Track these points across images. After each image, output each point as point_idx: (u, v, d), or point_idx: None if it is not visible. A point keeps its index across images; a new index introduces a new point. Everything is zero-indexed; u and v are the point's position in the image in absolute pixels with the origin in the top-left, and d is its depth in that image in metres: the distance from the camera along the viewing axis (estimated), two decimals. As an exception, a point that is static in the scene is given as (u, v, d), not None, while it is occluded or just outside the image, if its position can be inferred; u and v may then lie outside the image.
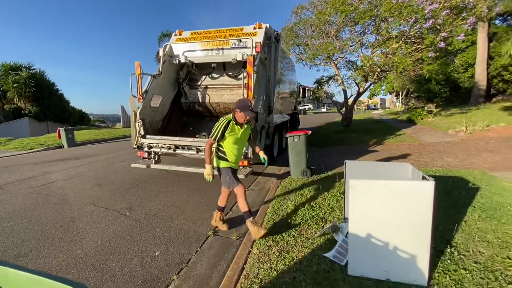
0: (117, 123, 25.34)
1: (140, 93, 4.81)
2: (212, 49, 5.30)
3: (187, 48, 5.42)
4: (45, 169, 6.40)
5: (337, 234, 2.53)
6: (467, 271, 2.07)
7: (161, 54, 5.37)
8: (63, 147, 10.27)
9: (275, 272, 2.19)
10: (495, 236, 2.58)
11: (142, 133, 4.74)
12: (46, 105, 18.93)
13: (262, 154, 3.12)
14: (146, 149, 4.76)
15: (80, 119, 22.63)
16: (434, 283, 1.95)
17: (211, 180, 2.94)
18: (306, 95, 13.71)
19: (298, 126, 11.74)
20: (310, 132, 5.23)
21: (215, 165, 3.00)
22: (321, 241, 2.62)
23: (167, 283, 2.27)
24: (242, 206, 2.89)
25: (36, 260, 2.63)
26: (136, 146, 4.78)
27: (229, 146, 2.92)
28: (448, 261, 2.21)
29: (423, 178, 1.98)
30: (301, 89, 12.30)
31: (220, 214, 3.23)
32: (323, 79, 13.47)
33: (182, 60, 5.35)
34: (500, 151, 6.46)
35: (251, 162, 4.25)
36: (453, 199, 3.49)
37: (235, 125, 2.88)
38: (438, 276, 2.02)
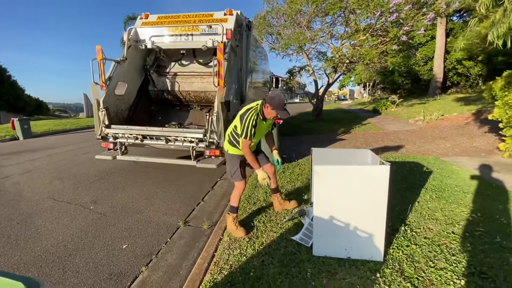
0: (80, 112, 23.55)
1: (103, 80, 4.50)
2: (181, 35, 5.08)
3: (154, 33, 5.14)
4: (-5, 163, 5.83)
5: (304, 218, 2.65)
6: (418, 246, 2.30)
7: (125, 38, 5.03)
8: (18, 139, 9.39)
9: (244, 257, 2.25)
10: (443, 214, 2.87)
11: (107, 122, 4.47)
12: (-4, 92, 17.06)
13: (276, 155, 2.79)
14: (111, 139, 4.50)
15: (37, 109, 20.76)
16: (389, 258, 2.15)
17: (269, 184, 2.69)
18: (279, 85, 13.81)
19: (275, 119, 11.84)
20: (281, 121, 5.31)
21: (225, 148, 2.75)
22: (289, 226, 2.73)
23: (135, 275, 2.24)
24: (233, 200, 2.69)
25: (-13, 261, 2.43)
26: (100, 137, 4.50)
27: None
28: (402, 238, 2.43)
29: (381, 163, 2.13)
30: (274, 79, 12.36)
31: (234, 216, 2.70)
32: (295, 69, 13.65)
33: (149, 46, 5.07)
34: (452, 138, 7.12)
35: (223, 151, 4.24)
36: (409, 182, 3.80)
37: (261, 120, 2.52)
38: (393, 252, 2.22)
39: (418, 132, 8.53)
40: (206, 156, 4.26)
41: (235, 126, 2.60)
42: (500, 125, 5.08)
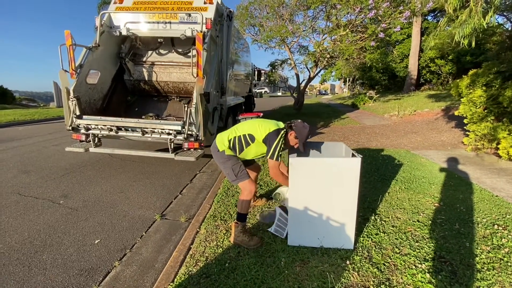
0: (51, 102, 22.09)
1: (73, 67, 4.24)
2: (158, 22, 4.88)
3: (129, 19, 4.89)
4: (-49, 156, 5.36)
5: (279, 201, 2.67)
6: (386, 234, 2.44)
7: (97, 23, 4.74)
8: (-23, 129, 8.67)
9: (221, 249, 2.27)
10: (410, 204, 3.05)
11: (78, 113, 4.23)
12: (-50, 78, 15.50)
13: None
14: (83, 131, 4.28)
15: (1, 97, 19.16)
16: (359, 246, 2.25)
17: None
18: (262, 78, 13.77)
19: (254, 109, 11.83)
20: (262, 114, 5.33)
21: (220, 149, 2.38)
22: (267, 216, 2.77)
23: (107, 270, 2.18)
24: (244, 207, 2.32)
25: None
26: (70, 128, 4.27)
27: (253, 152, 2.44)
28: (372, 226, 2.55)
29: (353, 155, 2.20)
30: (256, 72, 12.29)
31: (243, 225, 2.35)
32: (277, 62, 13.66)
33: (124, 32, 4.83)
34: (422, 132, 7.52)
35: (202, 144, 4.19)
36: (381, 174, 3.99)
37: (283, 143, 2.32)
38: (363, 240, 2.34)
39: (393, 126, 8.92)
40: (185, 149, 4.19)
41: (251, 135, 2.32)
42: (465, 120, 5.43)
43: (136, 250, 2.46)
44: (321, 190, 2.10)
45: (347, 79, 33.16)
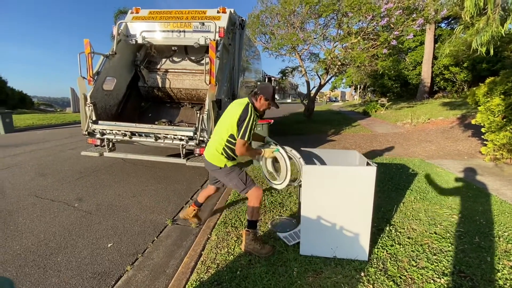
0: (67, 107, 22.87)
1: (91, 74, 4.39)
2: (172, 31, 5.02)
3: (145, 28, 5.05)
4: (-26, 158, 5.60)
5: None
6: (401, 246, 2.36)
7: (115, 32, 4.92)
8: (-1, 133, 9.05)
9: (232, 257, 2.25)
10: (426, 215, 2.96)
11: (94, 118, 4.36)
12: (-24, 84, 16.33)
13: (269, 139, 2.64)
14: (98, 135, 4.40)
15: (20, 102, 19.97)
16: (374, 258, 2.19)
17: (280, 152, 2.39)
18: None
19: (263, 115, 11.87)
20: (272, 121, 5.33)
21: (217, 165, 2.30)
22: (278, 224, 2.74)
23: (120, 274, 2.19)
24: (255, 214, 2.29)
25: (-37, 259, 2.33)
26: (86, 133, 4.39)
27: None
28: (386, 237, 2.48)
29: (368, 164, 2.16)
30: (266, 79, 12.38)
31: (197, 209, 2.79)
32: (288, 69, 13.72)
33: (140, 41, 4.99)
34: (437, 141, 7.32)
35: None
36: (395, 184, 3.89)
37: (256, 115, 2.28)
38: (377, 251, 2.27)
39: (406, 134, 8.74)
40: (196, 155, 4.23)
41: (231, 136, 2.23)
42: (482, 129, 5.26)
43: (147, 254, 2.47)
44: (334, 199, 2.06)
45: (358, 86, 32.89)
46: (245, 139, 2.16)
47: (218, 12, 4.97)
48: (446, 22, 20.35)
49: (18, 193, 3.78)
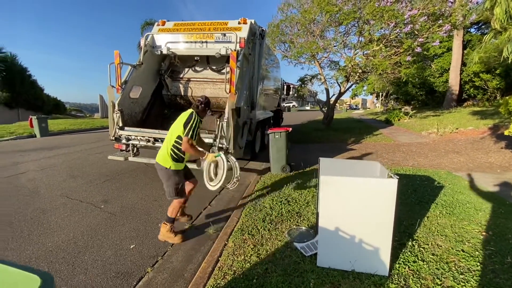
0: (95, 113, 24.27)
1: (119, 84, 4.68)
2: (195, 42, 5.24)
3: (170, 39, 5.32)
4: (15, 159, 6.08)
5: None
6: (425, 262, 2.26)
7: (142, 44, 5.23)
8: (36, 136, 9.76)
9: (248, 264, 2.27)
10: (453, 231, 2.80)
11: (120, 124, 4.62)
12: (18, 91, 17.80)
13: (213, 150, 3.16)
14: (124, 141, 4.65)
15: (55, 108, 21.47)
16: (395, 273, 2.11)
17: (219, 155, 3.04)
18: (290, 93, 13.86)
19: (281, 123, 11.88)
20: (291, 129, 5.34)
21: (165, 166, 2.65)
22: (295, 234, 2.72)
23: (141, 275, 2.28)
24: (174, 213, 2.76)
25: (3, 252, 2.54)
26: (113, 138, 4.65)
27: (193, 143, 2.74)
28: (409, 253, 2.38)
29: (389, 176, 2.11)
30: (285, 86, 12.42)
31: (170, 226, 2.79)
32: (307, 77, 13.69)
33: (165, 51, 5.25)
34: (466, 152, 6.93)
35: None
36: (419, 197, 3.73)
37: (200, 120, 2.80)
38: (399, 267, 2.19)
39: (431, 145, 8.35)
40: (215, 161, 4.32)
41: (178, 136, 2.64)
42: (517, 141, 4.92)
43: (167, 257, 2.55)
44: (354, 211, 2.03)
45: (380, 93, 32.01)
46: (189, 136, 2.59)
47: (239, 23, 5.12)
48: (476, 27, 19.42)
49: (51, 193, 4.05)
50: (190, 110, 2.81)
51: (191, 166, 4.12)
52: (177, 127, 2.68)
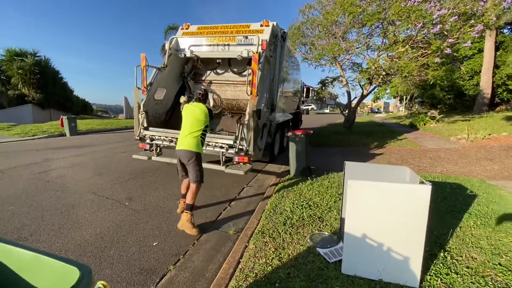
0: (120, 114, 25.34)
1: (145, 85, 4.84)
2: (218, 45, 5.31)
3: (193, 43, 5.43)
4: (46, 156, 6.46)
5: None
6: (459, 275, 2.11)
7: (167, 47, 5.39)
8: (65, 135, 10.33)
9: (270, 268, 2.23)
10: (489, 242, 2.61)
11: (145, 125, 4.77)
12: (50, 93, 18.96)
13: None
14: (148, 141, 4.79)
15: (83, 109, 22.66)
16: (426, 285, 1.99)
17: None
18: (310, 95, 13.70)
19: (300, 125, 11.75)
20: (311, 132, 5.25)
21: (198, 151, 3.06)
22: (318, 240, 2.65)
23: (163, 272, 2.32)
24: (193, 199, 3.02)
25: (35, 244, 2.68)
26: (138, 138, 4.81)
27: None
28: (441, 264, 2.24)
29: (421, 182, 2.00)
30: (305, 89, 12.29)
31: (191, 215, 3.02)
32: (328, 79, 13.47)
33: (188, 54, 5.37)
34: (500, 160, 6.47)
35: (251, 159, 4.28)
36: (449, 205, 3.52)
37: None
38: (430, 279, 2.06)
39: (461, 151, 7.88)
40: (235, 162, 4.34)
41: (206, 125, 3.14)
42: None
43: (188, 256, 2.57)
44: (382, 218, 1.94)
45: (404, 97, 30.82)
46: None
47: (261, 25, 5.14)
48: (509, 27, 18.21)
49: (79, 189, 4.25)
50: (202, 105, 3.21)
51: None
52: (199, 117, 3.08)
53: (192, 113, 3.13)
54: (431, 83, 16.33)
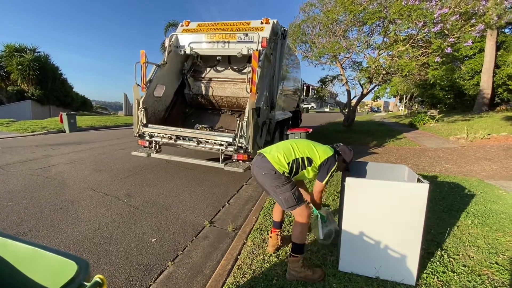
0: (119, 111, 25.30)
1: (144, 82, 4.82)
2: (218, 42, 5.29)
3: (193, 39, 5.41)
4: (46, 152, 6.46)
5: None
6: (455, 274, 2.12)
7: (167, 44, 5.36)
8: (65, 131, 10.31)
9: (267, 264, 2.24)
10: (486, 242, 2.62)
11: (144, 122, 4.76)
12: (50, 89, 18.92)
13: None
14: (147, 138, 4.79)
15: (82, 105, 22.62)
16: (422, 283, 2.00)
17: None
18: (310, 94, 13.68)
19: (300, 124, 11.74)
20: (311, 130, 5.26)
21: (279, 170, 2.03)
22: (314, 237, 2.66)
23: (162, 268, 2.33)
24: (302, 237, 2.04)
25: (34, 240, 2.68)
26: (137, 135, 4.81)
27: (302, 176, 2.27)
28: (438, 263, 2.25)
29: (419, 180, 2.01)
30: (305, 87, 12.26)
31: (302, 257, 2.04)
32: (328, 78, 13.45)
33: (188, 51, 5.35)
34: (499, 160, 6.48)
35: (250, 156, 4.29)
36: (447, 204, 3.53)
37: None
38: (427, 277, 2.07)
39: (460, 150, 7.90)
40: (234, 160, 4.34)
41: (309, 158, 2.15)
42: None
43: (187, 253, 2.58)
44: (380, 216, 1.94)
45: (404, 96, 30.82)
46: (324, 183, 2.17)
47: (261, 23, 5.12)
48: (511, 27, 18.17)
49: (79, 186, 4.25)
50: (332, 151, 2.32)
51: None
52: (314, 153, 2.20)
53: (312, 145, 2.33)
54: (431, 82, 16.34)
